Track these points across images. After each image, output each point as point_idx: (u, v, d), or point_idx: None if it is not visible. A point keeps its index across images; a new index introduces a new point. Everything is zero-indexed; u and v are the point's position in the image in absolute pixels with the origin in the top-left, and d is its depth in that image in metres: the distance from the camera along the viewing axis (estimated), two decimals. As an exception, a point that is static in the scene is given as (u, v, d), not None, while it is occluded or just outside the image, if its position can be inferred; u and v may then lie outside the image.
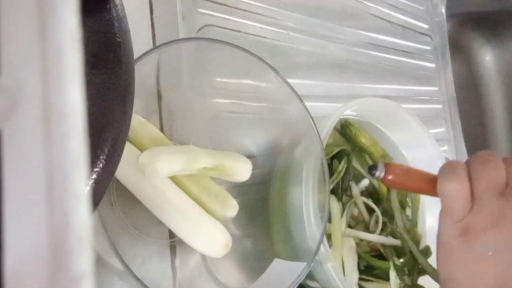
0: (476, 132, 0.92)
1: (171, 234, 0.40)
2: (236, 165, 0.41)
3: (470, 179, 0.32)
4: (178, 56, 0.41)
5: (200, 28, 0.48)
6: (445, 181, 0.33)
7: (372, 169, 0.40)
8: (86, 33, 0.23)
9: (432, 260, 0.49)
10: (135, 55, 0.27)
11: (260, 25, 0.53)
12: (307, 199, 0.41)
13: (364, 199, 0.51)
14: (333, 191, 0.49)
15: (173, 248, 0.40)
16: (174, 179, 0.39)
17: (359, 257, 0.48)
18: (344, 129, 0.53)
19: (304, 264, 0.38)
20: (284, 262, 0.41)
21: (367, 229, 0.51)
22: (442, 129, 0.72)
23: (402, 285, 0.48)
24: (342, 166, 0.50)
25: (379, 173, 0.39)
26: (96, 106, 0.22)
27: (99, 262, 0.34)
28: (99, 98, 0.22)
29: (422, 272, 0.49)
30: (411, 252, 0.50)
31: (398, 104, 0.52)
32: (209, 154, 0.40)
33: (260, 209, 0.45)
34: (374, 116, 0.54)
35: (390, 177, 0.39)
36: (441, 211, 0.33)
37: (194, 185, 0.40)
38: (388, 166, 0.39)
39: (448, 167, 0.34)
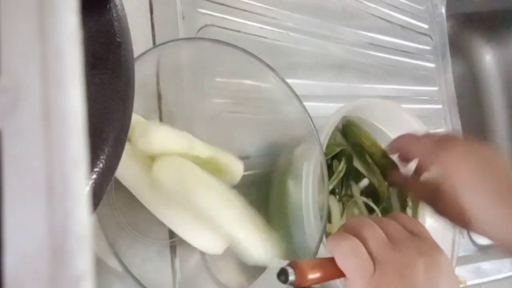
0: (476, 132, 0.92)
1: (171, 235, 0.40)
2: (230, 162, 0.41)
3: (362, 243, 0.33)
4: (178, 56, 0.41)
5: (200, 28, 0.48)
6: (335, 250, 0.33)
7: (281, 275, 0.32)
8: (86, 33, 0.23)
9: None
10: (135, 55, 0.27)
11: (260, 25, 0.53)
12: (307, 199, 0.41)
13: (364, 199, 0.51)
14: (333, 191, 0.49)
15: (173, 248, 0.40)
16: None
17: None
18: (345, 129, 0.53)
19: (304, 264, 0.38)
20: (284, 262, 0.41)
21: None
22: (442, 129, 0.72)
23: None
24: (342, 166, 0.50)
25: (291, 276, 0.32)
26: (96, 106, 0.22)
27: (98, 263, 0.34)
28: (99, 98, 0.22)
29: None
30: None
31: (398, 104, 0.52)
32: (205, 146, 0.40)
33: (260, 209, 0.45)
34: (374, 116, 0.54)
35: (310, 275, 0.32)
36: (347, 282, 0.33)
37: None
38: (295, 266, 0.33)
39: (332, 238, 0.34)
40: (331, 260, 0.34)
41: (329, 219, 0.47)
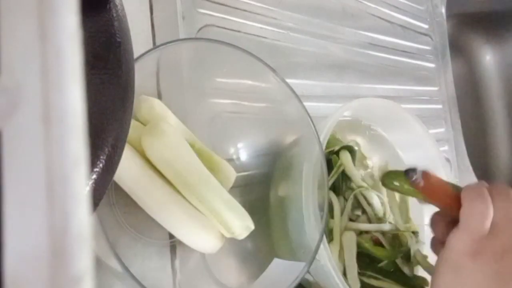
0: (476, 132, 0.92)
1: (171, 234, 0.40)
2: (222, 162, 0.42)
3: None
4: (178, 56, 0.41)
5: (200, 28, 0.48)
6: (474, 201, 0.36)
7: (410, 172, 0.38)
8: (86, 33, 0.23)
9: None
10: (135, 55, 0.27)
11: (260, 25, 0.53)
12: (307, 199, 0.41)
13: (363, 188, 0.51)
14: (333, 186, 0.49)
15: (173, 248, 0.40)
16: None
17: (360, 246, 0.48)
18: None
19: (304, 263, 0.38)
20: (284, 261, 0.41)
21: (369, 220, 0.51)
22: (442, 129, 0.72)
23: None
24: (341, 161, 0.50)
25: (418, 179, 0.38)
26: (96, 106, 0.22)
27: (98, 263, 0.34)
28: (99, 98, 0.22)
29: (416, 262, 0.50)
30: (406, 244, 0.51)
31: (398, 104, 0.52)
32: (202, 143, 0.41)
33: (260, 209, 0.45)
34: (374, 116, 0.54)
35: (432, 184, 0.38)
36: (456, 230, 0.36)
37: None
38: (425, 174, 0.38)
39: (476, 190, 0.37)
40: (457, 195, 0.37)
41: (331, 214, 0.48)
